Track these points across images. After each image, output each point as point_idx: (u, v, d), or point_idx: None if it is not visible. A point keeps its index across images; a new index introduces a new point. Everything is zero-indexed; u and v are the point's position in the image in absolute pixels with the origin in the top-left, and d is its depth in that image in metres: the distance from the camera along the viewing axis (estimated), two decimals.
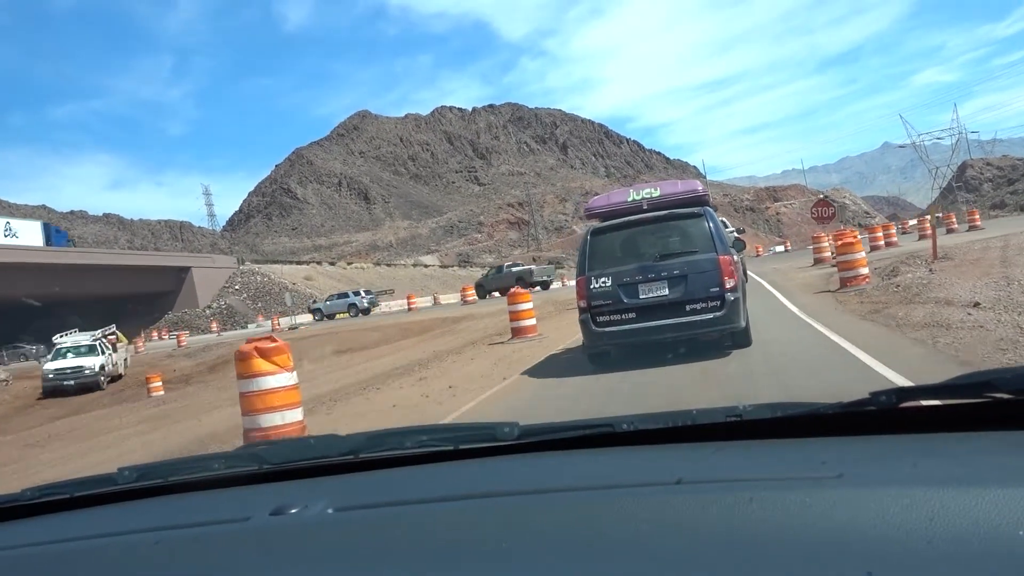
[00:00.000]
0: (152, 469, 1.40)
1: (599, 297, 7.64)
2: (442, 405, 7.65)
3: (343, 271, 64.98)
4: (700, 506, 0.83)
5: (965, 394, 1.05)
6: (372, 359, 16.56)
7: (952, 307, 8.20)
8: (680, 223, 7.87)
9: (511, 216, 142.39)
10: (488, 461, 1.26)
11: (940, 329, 7.09)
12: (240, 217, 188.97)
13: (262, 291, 54.46)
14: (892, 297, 10.45)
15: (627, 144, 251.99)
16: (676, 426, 1.21)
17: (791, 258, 33.87)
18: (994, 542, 0.65)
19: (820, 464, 0.93)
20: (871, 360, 6.11)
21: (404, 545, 0.87)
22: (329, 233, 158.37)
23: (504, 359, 11.03)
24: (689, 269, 7.41)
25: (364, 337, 23.80)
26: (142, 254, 68.69)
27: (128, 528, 1.10)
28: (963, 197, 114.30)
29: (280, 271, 57.81)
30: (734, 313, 7.32)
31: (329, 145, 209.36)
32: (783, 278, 18.43)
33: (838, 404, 1.13)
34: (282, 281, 54.25)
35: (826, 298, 12.37)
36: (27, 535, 1.17)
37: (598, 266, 7.75)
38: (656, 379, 6.93)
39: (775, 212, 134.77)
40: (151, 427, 12.38)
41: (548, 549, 0.79)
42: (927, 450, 0.99)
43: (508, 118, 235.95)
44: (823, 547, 0.70)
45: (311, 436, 1.57)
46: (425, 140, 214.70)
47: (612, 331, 7.60)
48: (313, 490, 1.15)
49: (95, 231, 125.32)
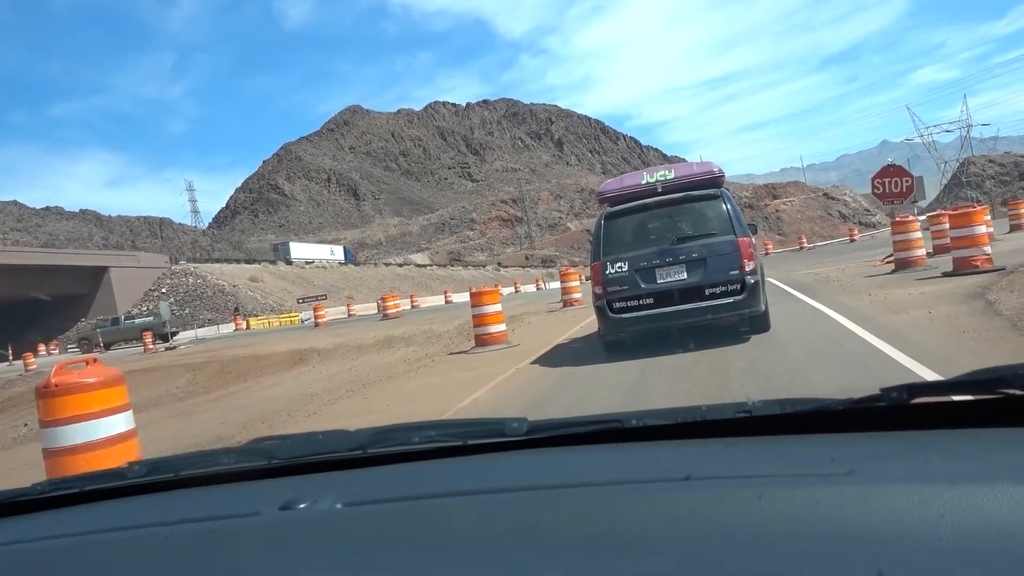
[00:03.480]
0: (161, 464, 1.41)
1: (615, 283, 7.44)
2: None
3: (300, 271, 57.54)
4: (709, 502, 0.83)
5: (977, 390, 1.05)
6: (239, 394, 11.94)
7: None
8: (697, 205, 7.64)
9: (504, 213, 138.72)
10: (496, 457, 1.26)
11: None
12: (226, 214, 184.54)
13: (193, 294, 48.05)
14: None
15: (624, 140, 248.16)
16: (685, 422, 1.21)
17: (817, 257, 27.13)
18: (1006, 540, 0.65)
19: (830, 461, 0.92)
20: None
21: (413, 540, 0.88)
22: (317, 230, 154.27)
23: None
24: (708, 252, 7.22)
25: (240, 366, 16.53)
26: (48, 252, 57.69)
27: (137, 523, 1.10)
28: (966, 194, 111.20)
29: (220, 271, 50.73)
30: (754, 297, 7.14)
31: (319, 140, 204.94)
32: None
33: (848, 400, 1.12)
34: (219, 283, 47.82)
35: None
36: (37, 529, 1.18)
37: (613, 251, 7.56)
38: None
39: (774, 210, 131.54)
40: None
41: (557, 545, 0.79)
42: (938, 447, 0.98)
43: (503, 113, 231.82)
44: (832, 544, 0.69)
45: (319, 431, 1.50)
46: (417, 135, 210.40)
47: (629, 317, 7.40)
48: (322, 485, 1.17)
49: (68, 228, 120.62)
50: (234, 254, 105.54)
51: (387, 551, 0.85)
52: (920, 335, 6.38)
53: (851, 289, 11.33)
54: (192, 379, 16.14)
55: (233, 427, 7.87)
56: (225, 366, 16.61)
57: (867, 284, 11.75)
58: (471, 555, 0.80)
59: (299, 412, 8.04)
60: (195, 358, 19.72)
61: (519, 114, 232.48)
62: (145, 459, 1.46)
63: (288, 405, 8.85)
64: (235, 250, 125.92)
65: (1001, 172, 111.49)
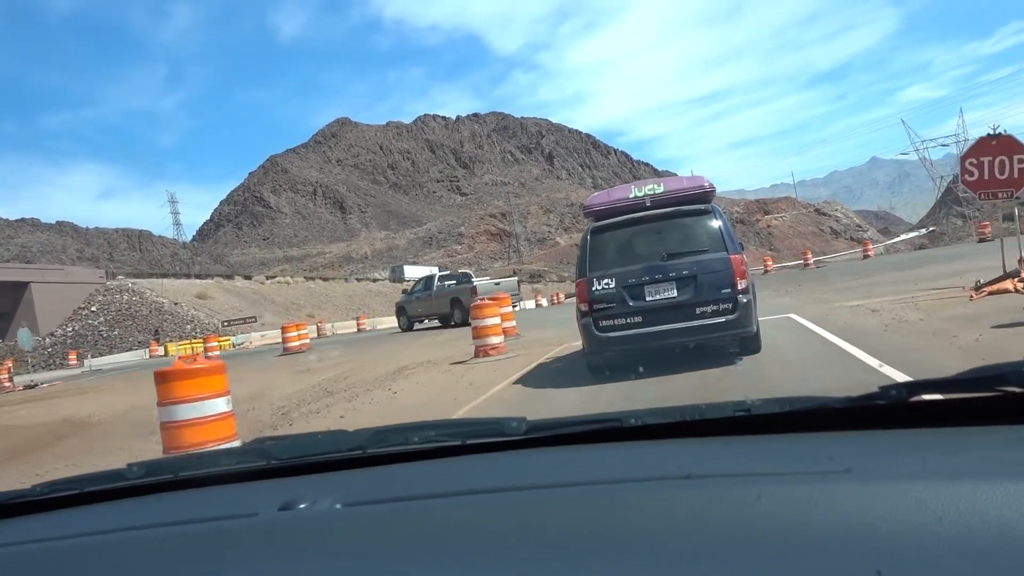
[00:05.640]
0: (161, 465, 1.41)
1: (602, 300, 7.20)
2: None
3: (259, 287, 52.99)
4: (709, 501, 0.83)
5: (976, 388, 1.04)
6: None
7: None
8: (688, 220, 7.44)
9: (493, 227, 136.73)
10: (496, 456, 1.26)
11: None
12: (210, 227, 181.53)
13: (125, 313, 43.69)
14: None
15: (615, 155, 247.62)
16: (684, 420, 1.20)
17: (836, 278, 20.06)
18: (1004, 538, 0.65)
19: (828, 459, 0.91)
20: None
21: (413, 540, 0.88)
22: (302, 243, 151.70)
23: None
24: (699, 269, 7.02)
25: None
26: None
27: (137, 523, 1.10)
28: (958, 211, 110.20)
29: (163, 287, 46.36)
30: (746, 317, 6.91)
31: (306, 153, 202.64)
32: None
33: (846, 398, 1.12)
34: (157, 301, 43.57)
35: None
36: (36, 531, 1.18)
37: (600, 267, 7.31)
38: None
39: (766, 225, 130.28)
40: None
41: (556, 544, 0.79)
42: (937, 445, 0.98)
43: (493, 127, 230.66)
44: (831, 542, 0.69)
45: (318, 432, 1.51)
46: (406, 148, 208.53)
47: (617, 336, 7.14)
48: (321, 485, 1.16)
49: (42, 240, 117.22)
50: (215, 268, 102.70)
51: (387, 551, 0.85)
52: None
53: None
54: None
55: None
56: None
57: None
58: (471, 555, 0.80)
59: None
60: (17, 413, 14.16)
61: (509, 128, 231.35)
62: (144, 460, 1.43)
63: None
64: (216, 263, 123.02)
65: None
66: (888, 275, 17.28)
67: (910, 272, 16.74)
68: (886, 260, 29.35)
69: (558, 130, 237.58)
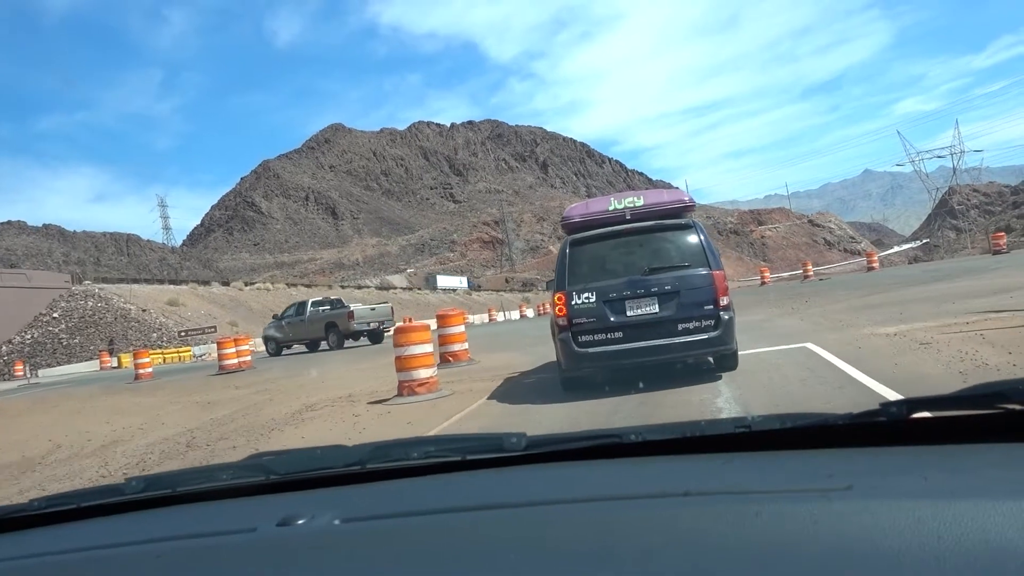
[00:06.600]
0: (159, 480, 1.41)
1: (582, 314, 7.05)
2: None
3: (236, 294, 51.04)
4: (708, 518, 0.83)
5: (976, 405, 1.04)
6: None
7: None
8: (669, 235, 7.33)
9: (485, 235, 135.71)
10: (495, 472, 1.25)
11: None
12: (200, 231, 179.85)
13: (89, 320, 41.55)
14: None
15: (609, 164, 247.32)
16: (684, 437, 1.20)
17: (850, 293, 16.61)
18: (1004, 555, 0.65)
19: (828, 476, 0.91)
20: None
21: (411, 556, 0.87)
22: (293, 249, 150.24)
23: None
24: (681, 285, 6.94)
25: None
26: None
27: (135, 539, 1.10)
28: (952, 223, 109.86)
29: (132, 293, 44.19)
30: (728, 334, 6.90)
31: (298, 158, 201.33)
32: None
33: (847, 415, 1.11)
34: (124, 307, 41.43)
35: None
36: (34, 545, 1.18)
37: (580, 280, 7.18)
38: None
39: (760, 235, 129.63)
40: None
41: (556, 561, 0.79)
42: (937, 462, 0.97)
43: (487, 135, 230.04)
44: (831, 560, 0.69)
45: (318, 447, 1.49)
46: (400, 155, 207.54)
47: (596, 352, 6.99)
48: (320, 501, 1.16)
49: (27, 243, 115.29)
50: (203, 273, 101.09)
51: (386, 568, 0.84)
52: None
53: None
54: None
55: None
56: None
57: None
58: (471, 571, 0.79)
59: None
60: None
61: (504, 135, 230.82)
62: (142, 475, 1.42)
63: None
64: (205, 269, 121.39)
65: (986, 202, 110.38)
66: (907, 291, 14.79)
67: (929, 288, 14.52)
68: (893, 273, 27.02)
69: (552, 138, 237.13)
